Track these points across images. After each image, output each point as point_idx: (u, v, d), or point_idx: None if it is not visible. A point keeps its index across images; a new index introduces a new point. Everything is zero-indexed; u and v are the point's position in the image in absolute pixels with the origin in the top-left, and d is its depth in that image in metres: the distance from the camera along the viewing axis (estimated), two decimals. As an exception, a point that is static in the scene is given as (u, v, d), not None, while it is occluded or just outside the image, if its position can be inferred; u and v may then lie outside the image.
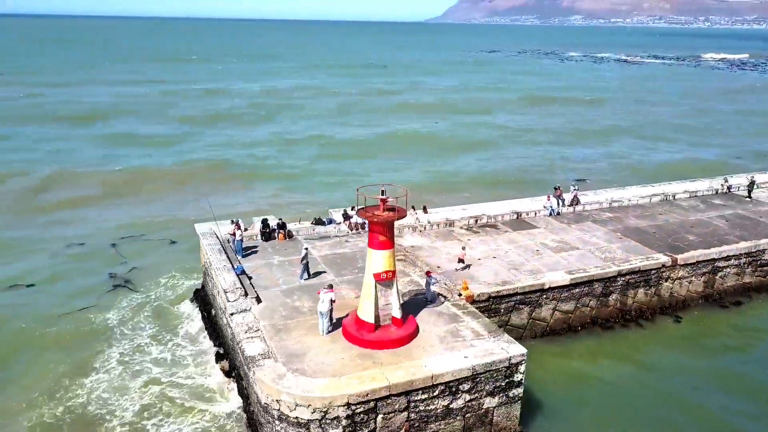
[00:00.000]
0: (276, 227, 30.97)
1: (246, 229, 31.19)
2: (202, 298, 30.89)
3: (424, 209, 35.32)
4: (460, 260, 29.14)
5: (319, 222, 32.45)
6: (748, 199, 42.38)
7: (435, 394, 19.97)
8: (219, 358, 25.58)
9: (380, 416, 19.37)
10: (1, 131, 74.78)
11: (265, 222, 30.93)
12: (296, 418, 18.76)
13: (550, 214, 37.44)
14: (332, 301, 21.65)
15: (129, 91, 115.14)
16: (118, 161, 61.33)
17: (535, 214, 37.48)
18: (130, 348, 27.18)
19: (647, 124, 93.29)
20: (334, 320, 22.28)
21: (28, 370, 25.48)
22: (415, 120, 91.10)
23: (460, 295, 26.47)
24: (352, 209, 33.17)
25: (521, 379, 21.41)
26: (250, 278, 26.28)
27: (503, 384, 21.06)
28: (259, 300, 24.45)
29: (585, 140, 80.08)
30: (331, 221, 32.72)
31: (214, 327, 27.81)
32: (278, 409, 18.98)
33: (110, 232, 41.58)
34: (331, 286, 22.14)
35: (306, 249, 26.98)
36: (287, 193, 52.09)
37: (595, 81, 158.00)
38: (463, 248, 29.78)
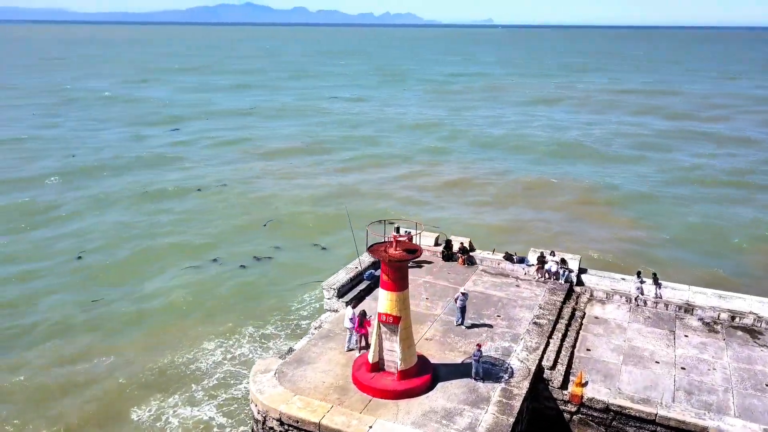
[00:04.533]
0: (458, 251, 29.84)
1: (438, 245, 31.26)
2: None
3: (655, 278, 26.94)
4: None
5: (508, 257, 29.29)
6: None
7: (369, 461, 17.49)
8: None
9: (313, 450, 18.42)
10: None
11: (448, 243, 30.17)
12: (251, 411, 19.88)
13: None
14: (351, 320, 20.99)
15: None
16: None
17: None
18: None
19: None
20: (363, 344, 21.52)
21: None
22: None
23: (563, 388, 20.73)
24: (551, 254, 28.63)
25: None
26: (376, 287, 26.99)
27: (459, 500, 16.47)
28: (352, 305, 25.21)
29: None
30: (522, 260, 29.02)
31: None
32: (249, 397, 20.46)
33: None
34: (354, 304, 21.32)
35: (464, 295, 24.08)
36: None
37: None
38: None
